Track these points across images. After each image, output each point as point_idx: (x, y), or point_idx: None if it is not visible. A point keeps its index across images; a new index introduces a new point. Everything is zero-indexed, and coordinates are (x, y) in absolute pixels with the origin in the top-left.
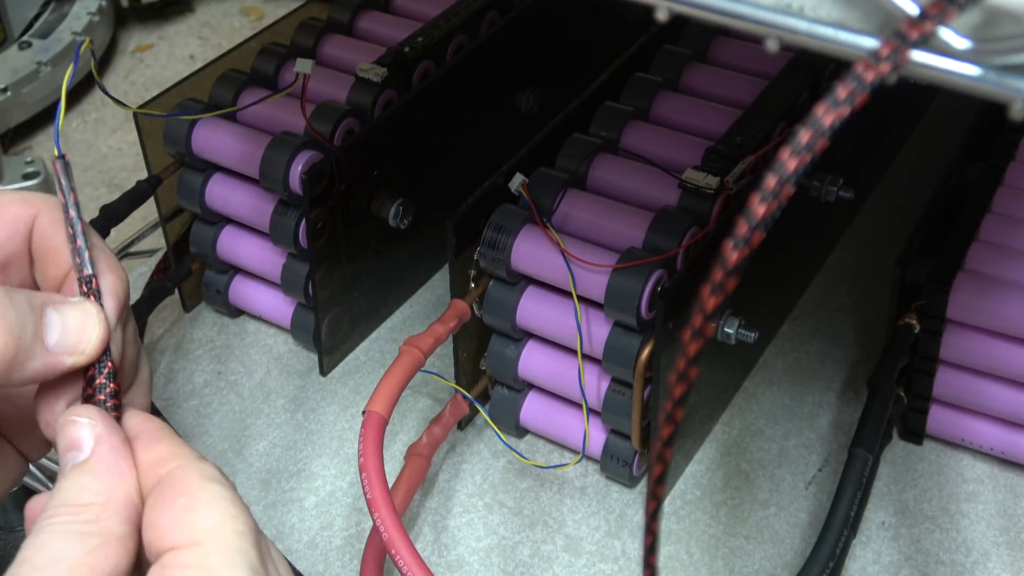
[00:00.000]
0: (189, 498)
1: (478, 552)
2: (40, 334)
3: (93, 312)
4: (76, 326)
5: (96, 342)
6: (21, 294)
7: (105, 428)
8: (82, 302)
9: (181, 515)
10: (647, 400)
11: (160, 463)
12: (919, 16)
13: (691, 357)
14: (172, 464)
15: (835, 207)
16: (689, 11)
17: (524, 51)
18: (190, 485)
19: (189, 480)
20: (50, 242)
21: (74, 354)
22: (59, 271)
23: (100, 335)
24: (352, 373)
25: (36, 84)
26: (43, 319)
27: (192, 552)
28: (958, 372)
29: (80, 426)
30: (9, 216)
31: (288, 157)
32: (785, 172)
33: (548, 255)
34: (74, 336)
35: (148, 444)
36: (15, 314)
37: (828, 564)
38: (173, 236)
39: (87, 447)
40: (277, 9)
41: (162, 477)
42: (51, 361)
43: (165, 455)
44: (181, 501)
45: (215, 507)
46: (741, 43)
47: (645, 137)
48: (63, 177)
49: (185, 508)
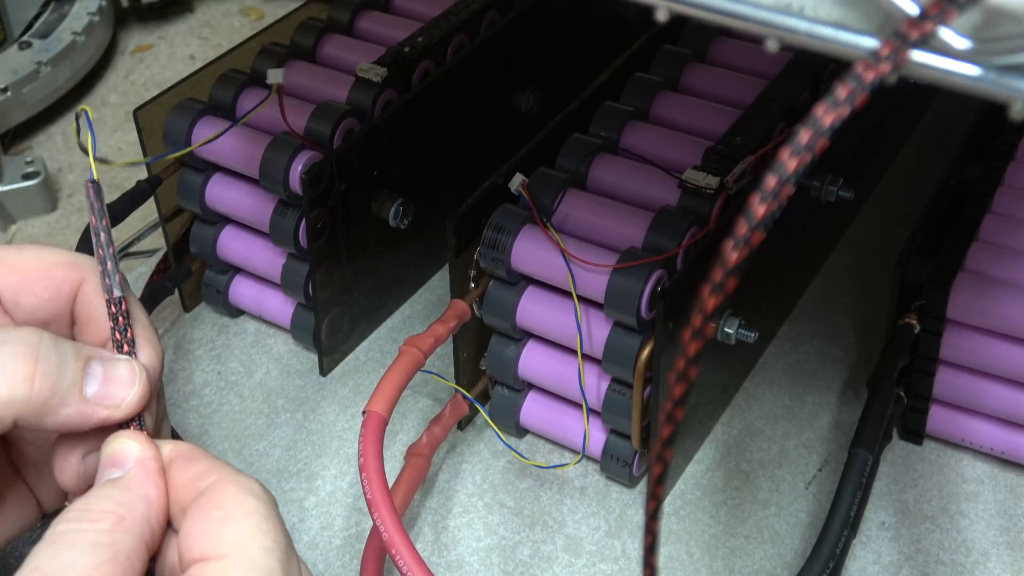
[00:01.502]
0: (224, 511)
1: (478, 552)
2: (79, 383)
3: (136, 370)
4: (117, 380)
5: (134, 399)
6: (69, 344)
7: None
8: (127, 360)
9: (213, 527)
10: (647, 400)
11: (199, 478)
12: (919, 16)
13: (691, 357)
14: (211, 478)
15: (835, 207)
16: (689, 11)
17: (524, 51)
18: (227, 498)
19: (226, 492)
20: (92, 309)
21: (109, 407)
22: (97, 338)
23: (140, 393)
24: (352, 373)
25: (36, 84)
26: (86, 368)
27: (217, 565)
28: (958, 372)
29: (127, 446)
30: (56, 278)
31: (288, 157)
32: (785, 172)
33: (548, 255)
34: (113, 389)
35: (184, 464)
36: (56, 360)
37: (828, 564)
38: (173, 236)
39: (125, 467)
40: (277, 9)
41: (201, 491)
42: (85, 411)
43: (203, 471)
44: (216, 513)
45: (247, 521)
46: (741, 43)
47: (645, 137)
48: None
49: (218, 520)
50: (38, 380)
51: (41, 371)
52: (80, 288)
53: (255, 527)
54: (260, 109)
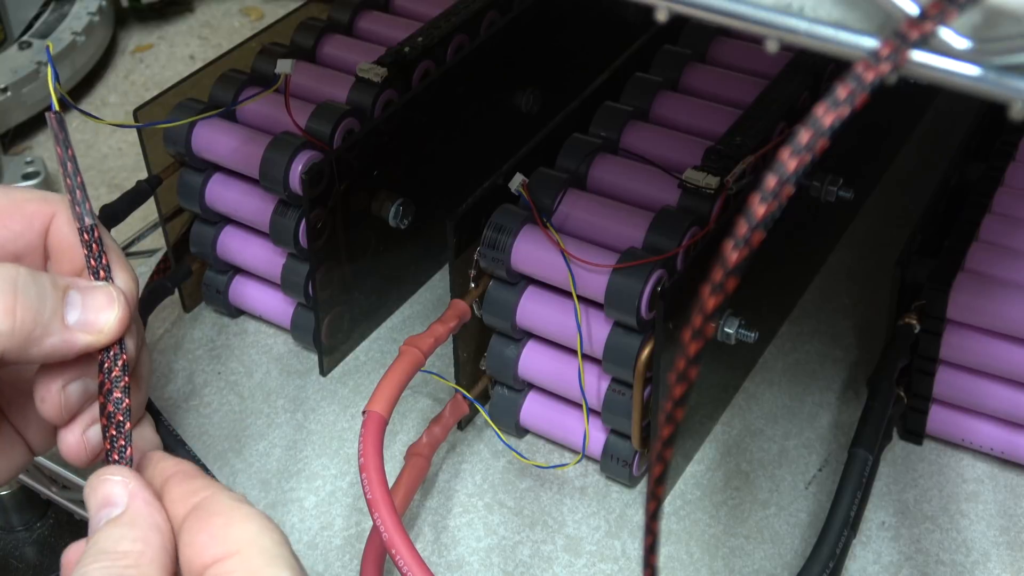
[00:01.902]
0: (225, 517)
1: (478, 552)
2: (60, 312)
3: (114, 295)
4: (96, 306)
5: (115, 323)
6: (46, 276)
7: (137, 484)
8: (105, 285)
9: (220, 531)
10: (647, 400)
11: (193, 493)
12: (919, 16)
13: (691, 357)
14: (204, 493)
15: (835, 207)
16: (689, 11)
17: (524, 51)
18: (223, 507)
19: (222, 503)
20: (65, 241)
21: (92, 333)
22: (72, 268)
23: (120, 316)
24: (352, 373)
25: (36, 84)
26: (65, 298)
27: (234, 560)
28: (958, 372)
29: (113, 484)
30: (27, 211)
31: (288, 157)
32: (785, 172)
33: (548, 255)
34: (93, 315)
35: (181, 480)
36: (36, 291)
37: (828, 564)
38: (173, 236)
39: (122, 503)
40: (277, 9)
41: (195, 504)
42: (69, 338)
43: (197, 487)
44: (217, 520)
45: (250, 522)
46: (741, 43)
47: (645, 137)
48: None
49: (222, 525)
50: (19, 312)
51: (21, 303)
52: (51, 221)
53: (260, 524)
54: (267, 94)
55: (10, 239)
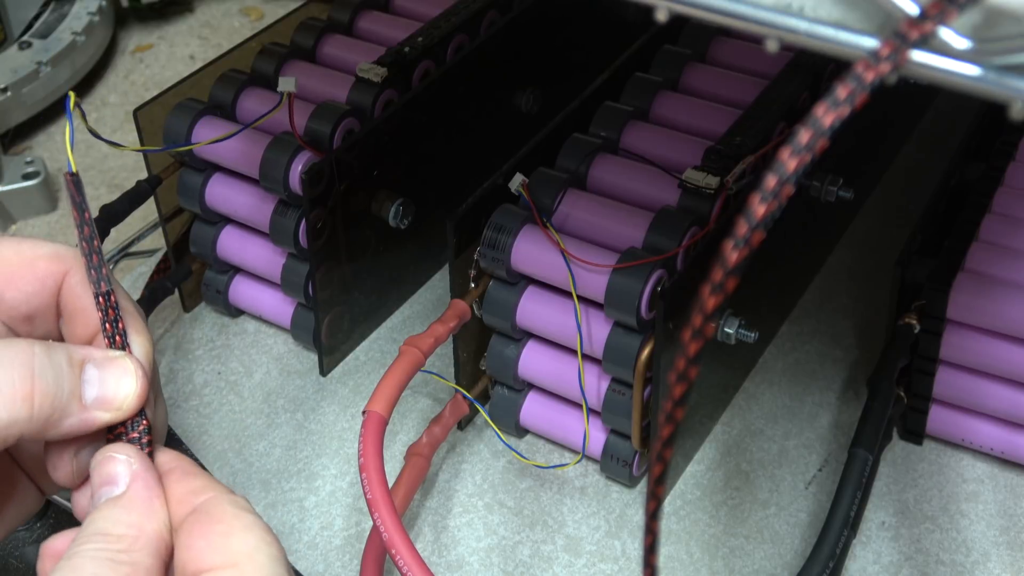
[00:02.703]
0: (226, 525)
1: (478, 552)
2: (77, 392)
3: (131, 369)
4: (114, 382)
5: (133, 399)
6: (61, 350)
7: (141, 466)
8: (121, 357)
9: (219, 540)
10: (647, 400)
11: (194, 494)
12: (919, 16)
13: (691, 357)
14: (206, 495)
15: (835, 207)
16: (689, 11)
17: (524, 51)
18: (225, 514)
19: (224, 509)
20: (79, 301)
21: (110, 410)
22: (87, 330)
23: (139, 391)
24: (352, 373)
25: (36, 84)
26: (81, 376)
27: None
28: (958, 372)
29: (117, 462)
30: (39, 271)
31: (288, 157)
32: (785, 172)
33: (548, 255)
34: (112, 392)
35: (181, 477)
36: (52, 375)
37: (828, 564)
38: (173, 236)
39: (123, 483)
40: (277, 9)
41: (196, 506)
42: (87, 418)
43: (198, 487)
44: (218, 528)
45: (250, 534)
46: (741, 43)
47: (645, 137)
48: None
49: (222, 534)
50: (37, 399)
51: (39, 389)
52: (64, 280)
53: (259, 538)
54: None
55: (23, 300)
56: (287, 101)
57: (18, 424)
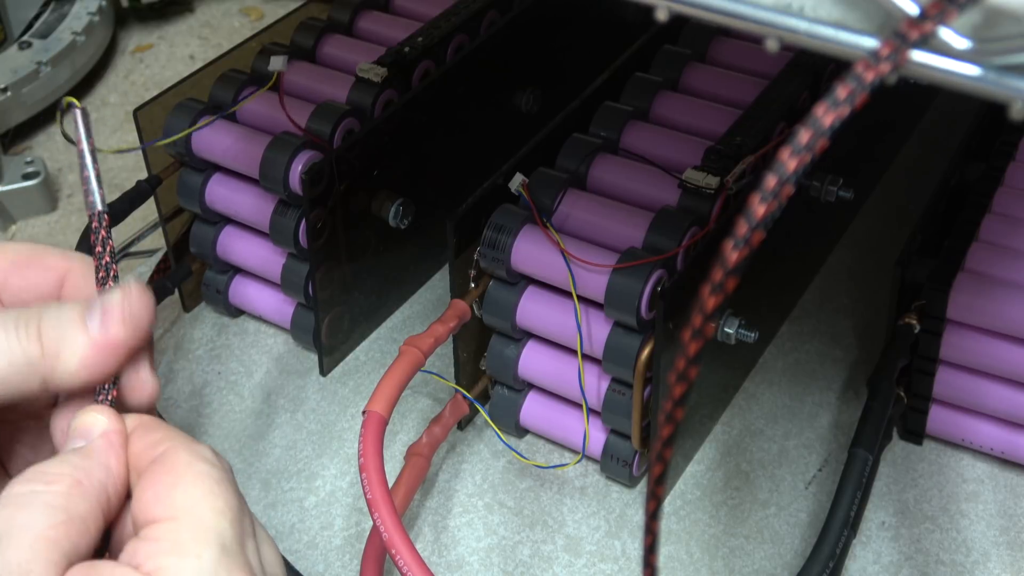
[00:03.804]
0: (174, 476)
1: (478, 552)
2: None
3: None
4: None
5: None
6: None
7: (111, 426)
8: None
9: (164, 491)
10: (647, 400)
11: (153, 446)
12: (919, 16)
13: (691, 357)
14: (165, 445)
15: (835, 207)
16: (689, 11)
17: (524, 51)
18: (177, 463)
19: (177, 458)
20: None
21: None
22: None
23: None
24: (352, 373)
25: (36, 84)
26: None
27: (167, 526)
28: (958, 372)
29: (94, 418)
30: (46, 263)
31: (288, 157)
32: (785, 172)
33: (548, 255)
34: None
35: (143, 432)
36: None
37: (828, 564)
38: (173, 236)
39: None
40: (277, 9)
41: (154, 457)
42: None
43: (159, 439)
44: (166, 478)
45: (198, 485)
46: (741, 43)
47: (645, 137)
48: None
49: (169, 485)
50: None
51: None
52: (67, 276)
53: (206, 490)
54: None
55: (27, 288)
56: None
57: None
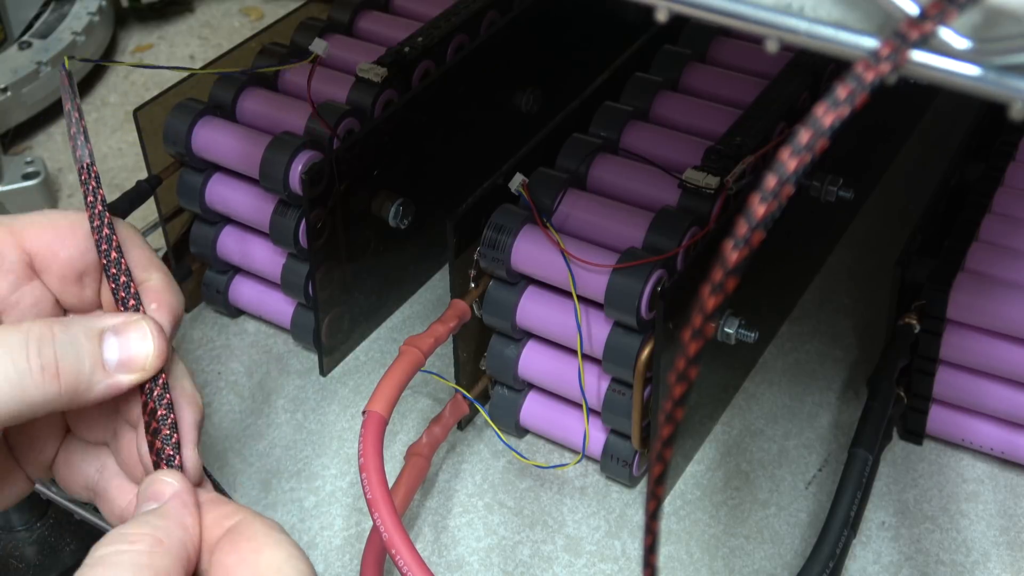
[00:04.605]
0: (256, 543)
1: (478, 552)
2: (99, 361)
3: (146, 329)
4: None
5: (154, 358)
6: (79, 324)
7: (183, 487)
8: (138, 320)
9: (249, 556)
10: (647, 400)
11: (227, 517)
12: (919, 16)
13: (691, 357)
14: (238, 517)
15: (835, 207)
16: (689, 11)
17: (524, 51)
18: (256, 532)
19: (255, 528)
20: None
21: (134, 371)
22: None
23: (158, 352)
24: (352, 373)
25: (36, 84)
26: (102, 345)
27: None
28: (958, 372)
29: (163, 483)
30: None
31: (288, 157)
32: (785, 172)
33: (548, 255)
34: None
35: (217, 504)
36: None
37: (828, 564)
38: (173, 236)
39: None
40: (277, 9)
41: (229, 528)
42: (112, 383)
43: (231, 511)
44: (248, 544)
45: (279, 550)
46: (741, 43)
47: (645, 137)
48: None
49: (252, 551)
50: (63, 376)
51: (63, 368)
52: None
53: (288, 554)
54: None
55: (77, 257)
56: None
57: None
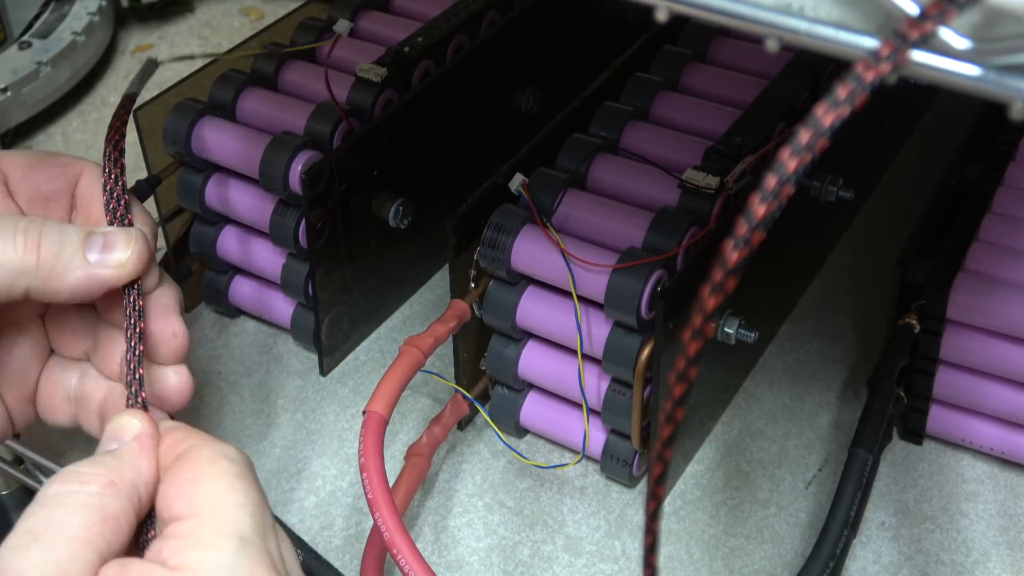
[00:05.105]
0: (197, 472)
1: (478, 552)
2: (81, 250)
3: (132, 234)
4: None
5: (135, 258)
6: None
7: (144, 430)
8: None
9: (187, 488)
10: (647, 400)
11: (179, 443)
12: (919, 16)
13: (691, 357)
14: (188, 443)
15: (835, 207)
16: (689, 11)
17: (524, 51)
18: (200, 460)
19: (200, 455)
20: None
21: (112, 267)
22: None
23: (138, 252)
24: (352, 373)
25: (36, 84)
26: (87, 239)
27: (189, 523)
28: (958, 372)
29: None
30: (61, 162)
31: (288, 157)
32: (785, 172)
33: (548, 255)
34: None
35: (172, 430)
36: (58, 232)
37: (828, 564)
38: (173, 236)
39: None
40: (277, 9)
41: (179, 454)
42: (90, 273)
43: (182, 437)
44: (189, 475)
45: (218, 480)
46: (741, 43)
47: (645, 137)
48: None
49: (191, 482)
50: (43, 249)
51: (45, 242)
52: (81, 176)
53: (226, 485)
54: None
55: (44, 182)
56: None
57: (27, 271)
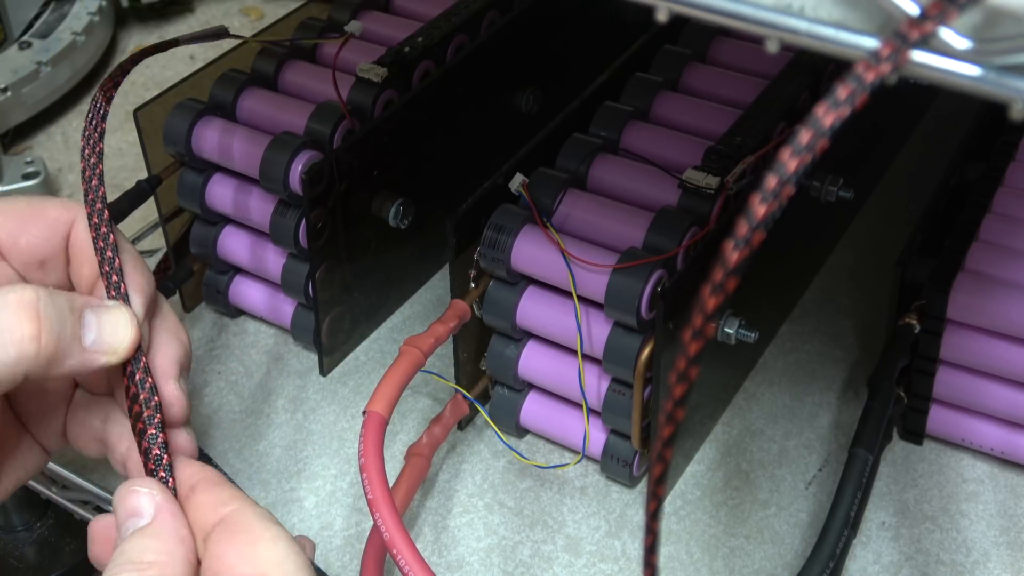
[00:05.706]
0: (253, 535)
1: (478, 552)
2: (78, 334)
3: (126, 316)
4: (110, 328)
5: (128, 342)
6: (62, 297)
7: (163, 497)
8: (116, 307)
9: (247, 550)
10: (647, 400)
11: (221, 504)
12: (919, 16)
13: (691, 357)
14: (232, 506)
15: (835, 207)
16: (689, 11)
17: (524, 51)
18: (252, 524)
19: (250, 520)
20: (85, 246)
21: (107, 354)
22: (92, 272)
23: (132, 337)
24: (352, 373)
25: (36, 84)
26: (81, 320)
27: None
28: (958, 372)
29: (140, 495)
30: (50, 217)
31: (288, 157)
32: (785, 172)
33: (548, 255)
34: (108, 337)
35: (208, 488)
36: (56, 315)
37: (828, 564)
38: (173, 236)
39: (148, 514)
40: (277, 9)
41: (223, 516)
42: (87, 359)
43: (225, 498)
44: (245, 537)
45: (277, 543)
46: (741, 43)
47: (645, 137)
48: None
49: (249, 543)
50: (43, 338)
51: (45, 329)
52: (72, 227)
53: (285, 548)
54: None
55: (37, 245)
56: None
57: (26, 361)
